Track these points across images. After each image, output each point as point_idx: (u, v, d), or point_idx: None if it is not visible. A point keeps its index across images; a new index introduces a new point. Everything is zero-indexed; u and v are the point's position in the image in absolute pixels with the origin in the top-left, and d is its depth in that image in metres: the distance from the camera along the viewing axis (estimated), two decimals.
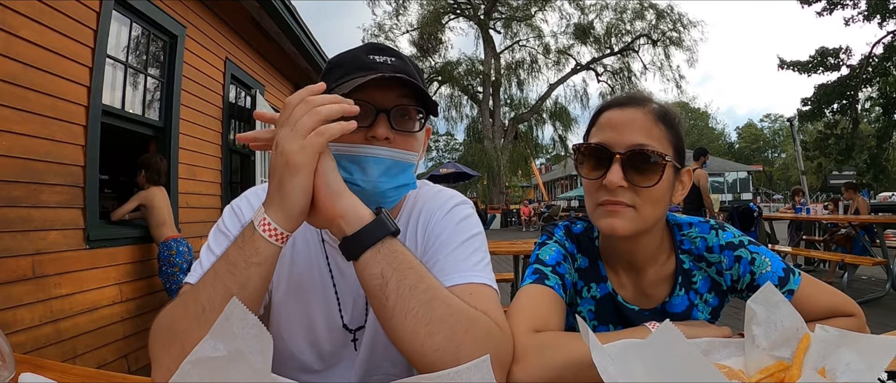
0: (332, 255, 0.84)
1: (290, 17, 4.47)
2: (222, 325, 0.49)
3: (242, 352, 0.49)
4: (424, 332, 0.57)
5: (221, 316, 0.49)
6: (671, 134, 0.79)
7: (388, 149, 0.72)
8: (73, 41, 2.43)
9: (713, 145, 55.56)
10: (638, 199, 0.76)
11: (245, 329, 0.49)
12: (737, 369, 0.61)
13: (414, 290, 0.57)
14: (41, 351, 2.19)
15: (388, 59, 0.76)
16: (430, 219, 0.83)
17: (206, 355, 0.49)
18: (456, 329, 0.58)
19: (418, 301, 0.57)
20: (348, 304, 0.84)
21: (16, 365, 0.60)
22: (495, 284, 0.75)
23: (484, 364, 0.53)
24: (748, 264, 0.82)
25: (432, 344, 0.57)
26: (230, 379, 0.49)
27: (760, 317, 0.61)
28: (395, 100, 0.73)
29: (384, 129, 0.72)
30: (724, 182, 35.15)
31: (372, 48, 0.78)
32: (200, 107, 3.75)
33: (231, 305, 0.49)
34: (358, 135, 0.71)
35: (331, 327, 0.84)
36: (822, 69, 13.34)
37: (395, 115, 0.73)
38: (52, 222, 2.33)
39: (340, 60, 0.78)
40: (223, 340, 0.49)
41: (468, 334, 0.59)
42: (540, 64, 23.45)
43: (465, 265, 0.74)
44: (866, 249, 5.40)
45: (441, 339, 0.57)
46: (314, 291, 0.84)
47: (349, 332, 0.84)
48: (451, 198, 0.86)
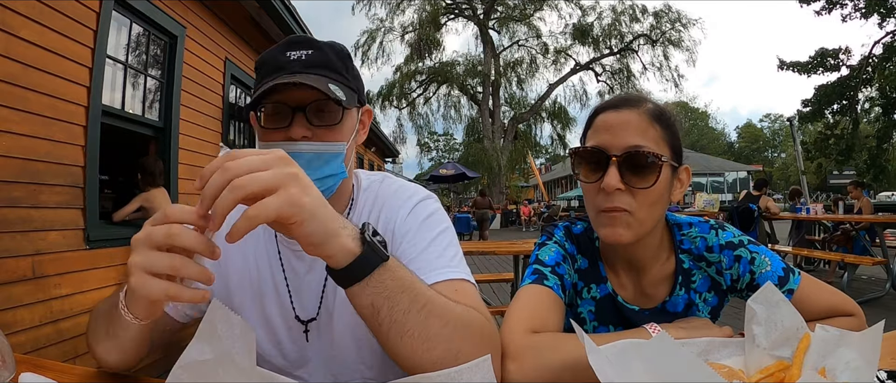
0: (284, 252, 0.84)
1: (289, 18, 4.47)
2: (206, 329, 0.49)
3: (229, 353, 0.49)
4: (422, 350, 0.56)
5: (204, 319, 0.49)
6: (667, 133, 0.79)
7: (308, 144, 0.74)
8: (72, 41, 2.43)
9: (713, 145, 55.64)
10: (635, 202, 0.76)
11: (229, 330, 0.49)
12: (737, 369, 0.61)
13: (407, 314, 0.56)
14: (41, 352, 2.19)
15: (303, 54, 0.76)
16: (394, 217, 0.82)
17: (193, 359, 0.49)
18: (452, 338, 0.58)
19: (413, 322, 0.56)
20: (302, 298, 0.84)
21: (16, 366, 0.60)
22: (472, 278, 0.75)
23: (484, 363, 0.53)
24: (748, 264, 0.82)
25: (430, 358, 0.57)
26: (220, 381, 0.49)
27: (761, 317, 0.61)
28: (311, 96, 0.74)
29: (300, 128, 0.74)
30: (724, 182, 35.20)
31: (289, 44, 0.78)
32: (200, 108, 3.75)
33: (213, 307, 0.49)
34: (279, 135, 0.74)
35: (287, 323, 0.84)
36: (822, 70, 13.35)
37: (312, 111, 0.74)
38: (52, 222, 2.33)
39: (263, 60, 0.79)
40: (209, 343, 0.49)
41: (465, 341, 0.59)
42: (539, 64, 23.52)
43: (441, 262, 0.74)
44: (866, 249, 5.40)
45: (439, 353, 0.57)
46: (267, 289, 0.84)
47: (301, 324, 0.84)
48: (412, 195, 0.85)
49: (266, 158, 0.49)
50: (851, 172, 16.12)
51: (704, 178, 34.31)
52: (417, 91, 24.19)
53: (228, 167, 0.47)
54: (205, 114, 3.81)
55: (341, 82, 0.77)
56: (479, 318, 0.63)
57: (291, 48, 0.77)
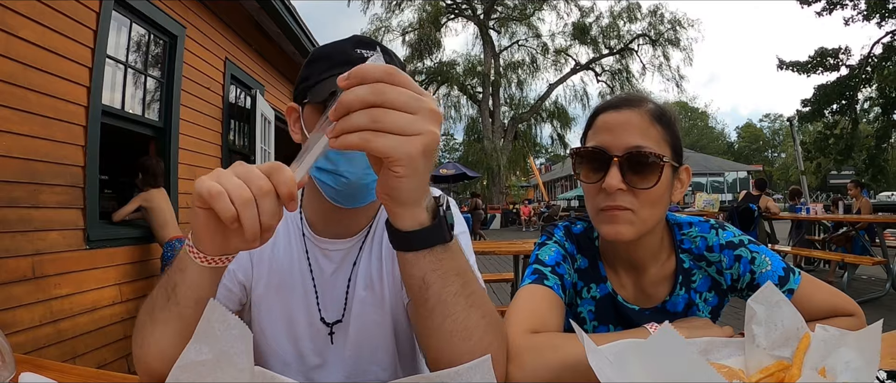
0: (311, 250, 0.84)
1: (289, 18, 4.47)
2: (204, 328, 0.49)
3: (227, 353, 0.49)
4: (460, 337, 0.56)
5: (202, 319, 0.49)
6: (668, 133, 0.79)
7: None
8: (72, 41, 2.43)
9: (713, 145, 55.63)
10: (636, 202, 0.76)
11: (227, 330, 0.49)
12: (737, 369, 0.61)
13: (456, 297, 0.56)
14: (41, 352, 2.19)
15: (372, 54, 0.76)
16: None
17: (191, 360, 0.49)
18: (487, 333, 0.58)
19: (459, 308, 0.56)
20: (326, 299, 0.84)
21: (16, 366, 0.60)
22: (483, 281, 0.76)
23: (484, 363, 0.52)
24: (748, 263, 0.82)
25: (465, 348, 0.57)
26: (219, 381, 0.49)
27: (761, 317, 0.61)
28: None
29: None
30: (724, 182, 35.20)
31: (358, 42, 0.77)
32: (200, 108, 3.75)
33: (210, 307, 0.49)
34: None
35: (311, 322, 0.84)
36: (822, 69, 13.35)
37: None
38: (52, 223, 2.33)
39: (325, 52, 0.78)
40: (206, 343, 0.49)
41: (495, 338, 0.59)
42: (539, 64, 23.51)
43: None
44: (866, 249, 5.40)
45: (473, 344, 0.57)
46: (294, 286, 0.84)
47: (326, 326, 0.84)
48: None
49: (422, 105, 0.45)
50: (851, 172, 16.14)
51: (704, 178, 34.32)
52: None
53: (382, 90, 0.43)
54: (205, 114, 3.81)
55: None
56: (502, 321, 0.64)
57: (361, 46, 0.76)
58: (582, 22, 22.41)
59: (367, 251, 0.85)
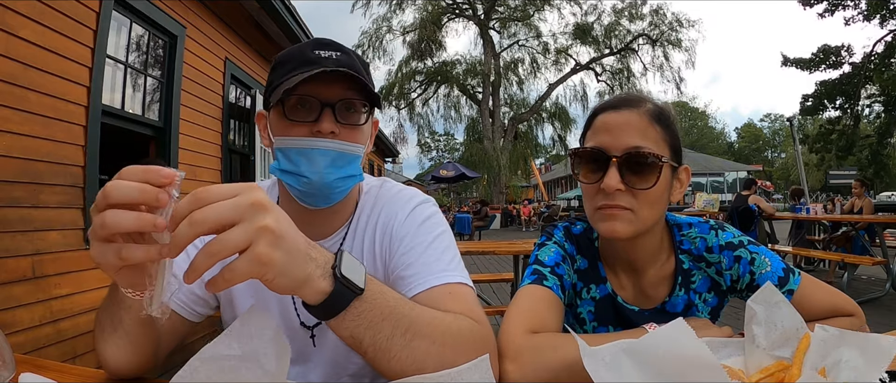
0: None
1: (289, 17, 4.47)
2: (239, 327, 0.50)
3: (256, 354, 0.50)
4: (413, 369, 0.56)
5: (239, 318, 0.51)
6: (667, 133, 0.79)
7: (335, 142, 0.74)
8: (72, 41, 2.43)
9: (713, 145, 55.64)
10: (635, 202, 0.76)
11: (262, 331, 0.50)
12: (737, 369, 0.61)
13: (391, 340, 0.55)
14: (41, 352, 2.19)
15: (332, 54, 0.76)
16: (392, 219, 0.82)
17: (218, 353, 0.50)
18: (444, 353, 0.58)
19: (398, 347, 0.56)
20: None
21: (16, 366, 0.60)
22: (469, 280, 0.75)
23: (483, 363, 0.53)
24: (748, 264, 0.82)
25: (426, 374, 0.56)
26: (240, 379, 0.49)
27: (760, 317, 0.61)
28: (340, 94, 0.74)
29: (329, 124, 0.73)
30: (724, 182, 35.19)
31: (316, 44, 0.78)
32: (200, 108, 3.75)
33: (251, 310, 0.51)
34: (304, 129, 0.73)
35: (288, 326, 0.84)
36: (825, 66, 13.38)
37: (340, 109, 0.75)
38: (52, 222, 2.33)
39: (286, 57, 0.79)
40: (239, 340, 0.50)
41: (457, 352, 0.58)
42: (539, 64, 23.52)
43: (438, 266, 0.75)
44: (866, 249, 5.40)
45: (431, 370, 0.56)
46: (270, 294, 0.82)
47: (307, 330, 0.84)
48: (412, 197, 0.86)
49: (239, 206, 0.44)
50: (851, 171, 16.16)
51: (704, 178, 34.32)
52: (417, 91, 24.20)
53: (195, 218, 0.43)
54: (205, 114, 3.81)
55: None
56: (470, 325, 0.63)
57: (319, 48, 0.77)
58: (584, 21, 22.42)
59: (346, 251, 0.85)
